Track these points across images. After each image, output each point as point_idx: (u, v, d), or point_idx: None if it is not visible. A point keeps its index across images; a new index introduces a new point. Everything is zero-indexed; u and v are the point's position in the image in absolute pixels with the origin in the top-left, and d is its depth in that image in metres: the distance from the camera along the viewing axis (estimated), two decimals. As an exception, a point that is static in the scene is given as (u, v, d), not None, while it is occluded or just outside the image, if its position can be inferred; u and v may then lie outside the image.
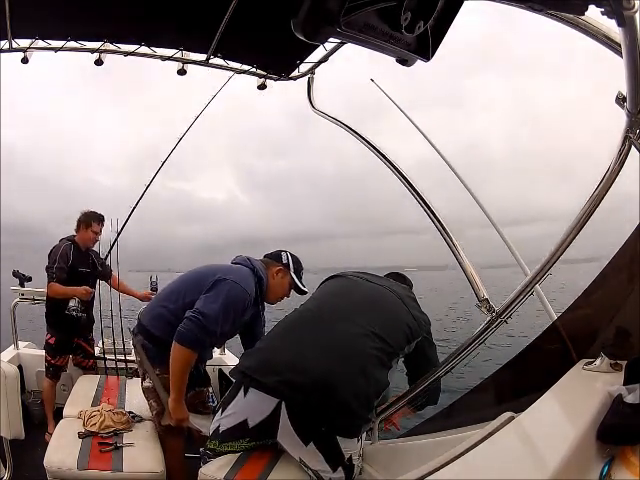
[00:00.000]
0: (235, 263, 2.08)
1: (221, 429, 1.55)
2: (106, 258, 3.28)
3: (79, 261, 2.94)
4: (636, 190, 1.04)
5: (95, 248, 3.14)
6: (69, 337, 2.95)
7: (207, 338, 1.83)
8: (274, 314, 2.65)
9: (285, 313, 1.78)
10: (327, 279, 1.97)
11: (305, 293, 2.08)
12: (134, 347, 2.16)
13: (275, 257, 2.10)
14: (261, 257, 2.15)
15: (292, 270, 2.07)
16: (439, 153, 2.68)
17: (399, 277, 2.07)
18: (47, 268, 2.85)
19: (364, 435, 1.57)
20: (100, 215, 3.07)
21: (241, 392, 1.49)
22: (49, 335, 2.92)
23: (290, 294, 2.13)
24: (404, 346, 1.63)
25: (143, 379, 2.10)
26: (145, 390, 2.10)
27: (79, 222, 3.00)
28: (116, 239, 3.38)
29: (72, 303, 2.83)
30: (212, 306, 1.81)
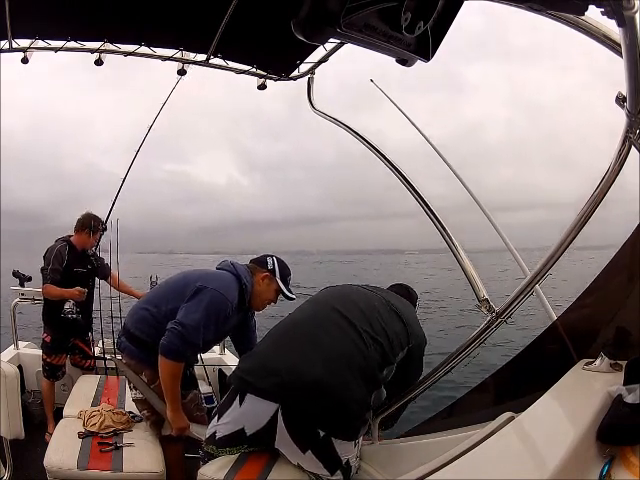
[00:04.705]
0: (220, 269, 2.06)
1: (217, 435, 1.54)
2: (100, 238, 3.20)
3: (75, 261, 2.92)
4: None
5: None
6: (65, 336, 2.94)
7: (189, 348, 1.83)
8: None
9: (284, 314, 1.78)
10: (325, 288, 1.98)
11: (292, 299, 2.05)
12: (116, 364, 2.14)
13: (261, 263, 2.06)
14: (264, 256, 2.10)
15: (278, 276, 2.02)
16: (442, 157, 2.68)
17: (402, 288, 2.05)
18: (42, 270, 2.84)
19: (361, 439, 1.58)
20: (105, 224, 3.09)
21: (236, 401, 1.49)
22: (45, 334, 2.92)
23: (277, 300, 2.08)
24: (397, 350, 1.62)
25: (131, 390, 2.09)
26: (136, 402, 2.09)
27: (82, 224, 2.96)
28: (108, 215, 3.27)
29: (67, 306, 2.83)
30: (192, 316, 1.80)
